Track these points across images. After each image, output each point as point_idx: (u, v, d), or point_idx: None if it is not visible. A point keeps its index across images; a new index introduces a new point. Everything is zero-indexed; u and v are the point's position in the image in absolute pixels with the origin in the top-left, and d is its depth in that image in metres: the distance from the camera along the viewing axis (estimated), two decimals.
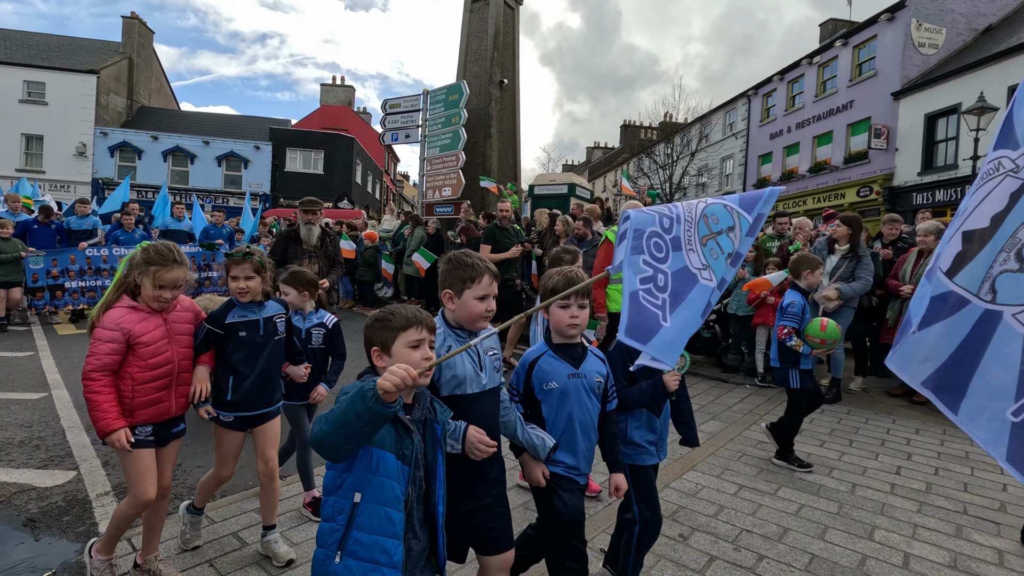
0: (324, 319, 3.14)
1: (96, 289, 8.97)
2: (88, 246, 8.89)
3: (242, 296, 2.53)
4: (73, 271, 8.79)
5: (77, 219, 9.30)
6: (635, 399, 2.29)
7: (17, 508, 3.03)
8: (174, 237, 9.71)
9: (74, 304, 8.87)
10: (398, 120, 13.31)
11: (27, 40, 27.23)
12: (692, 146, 27.43)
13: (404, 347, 1.57)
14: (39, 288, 8.48)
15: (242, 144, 26.83)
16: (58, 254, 8.67)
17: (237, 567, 2.51)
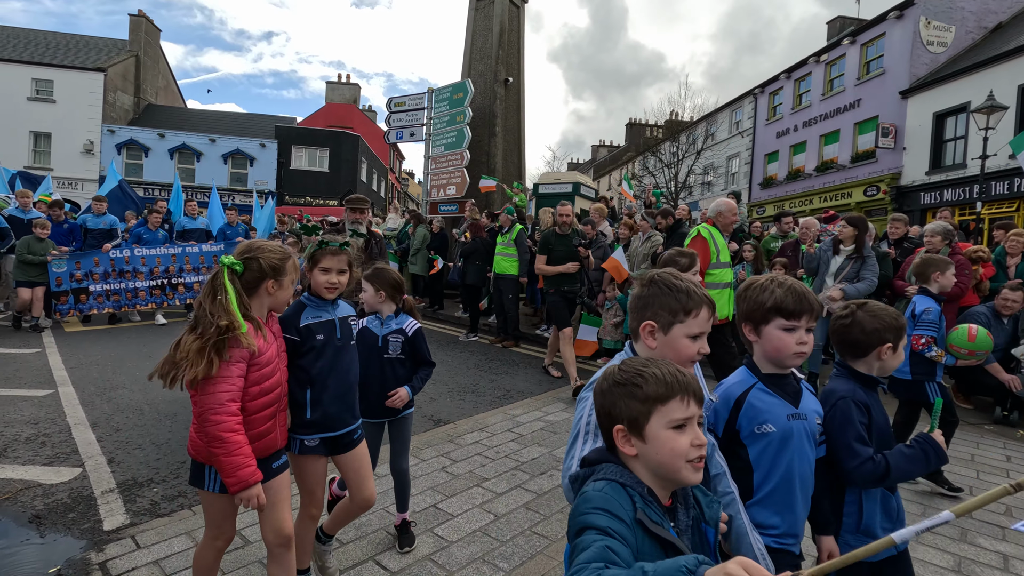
0: (404, 325, 2.73)
1: (120, 292, 8.63)
2: (113, 247, 8.58)
3: (330, 292, 2.20)
4: (97, 274, 8.42)
5: (94, 217, 8.89)
6: (904, 467, 1.65)
7: (23, 505, 3.06)
8: (192, 236, 9.51)
9: (99, 308, 8.50)
10: (403, 118, 13.32)
11: (35, 38, 27.40)
12: (698, 145, 27.32)
13: (665, 428, 1.09)
14: (63, 292, 8.13)
15: (248, 142, 26.94)
16: (82, 256, 8.32)
17: (239, 566, 2.52)
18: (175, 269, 9.06)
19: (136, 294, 8.72)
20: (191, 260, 9.21)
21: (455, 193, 11.93)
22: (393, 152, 40.74)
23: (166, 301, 9.03)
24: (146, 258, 8.81)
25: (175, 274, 9.05)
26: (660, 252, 6.47)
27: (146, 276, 8.78)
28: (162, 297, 8.96)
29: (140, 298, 8.77)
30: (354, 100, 37.46)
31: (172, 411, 4.70)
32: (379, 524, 2.93)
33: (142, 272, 8.76)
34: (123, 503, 3.10)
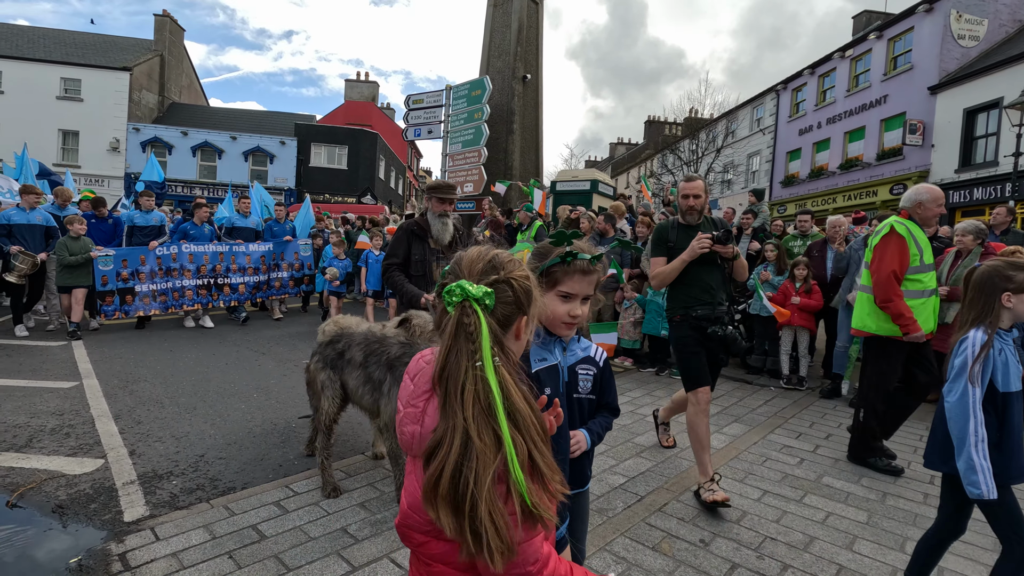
0: (591, 351, 1.82)
1: (167, 292, 8.10)
2: (159, 244, 8.09)
3: (568, 328, 1.65)
4: (144, 273, 7.89)
5: (142, 214, 8.22)
6: None
7: (47, 494, 3.11)
8: (241, 235, 9.07)
9: (145, 310, 7.98)
10: (421, 116, 13.34)
11: (64, 38, 28.06)
12: (718, 142, 26.93)
13: None
14: (108, 292, 7.57)
15: (268, 139, 27.28)
16: (129, 254, 7.80)
17: (255, 560, 2.53)
18: (222, 268, 8.68)
19: (183, 293, 8.27)
20: (238, 260, 8.82)
21: (472, 190, 11.91)
22: (411, 150, 40.92)
23: (211, 302, 8.62)
24: (194, 255, 8.39)
25: (221, 273, 8.66)
26: None
27: (193, 274, 8.34)
28: (207, 297, 8.52)
29: (187, 297, 8.32)
30: (372, 98, 37.68)
31: (192, 405, 4.75)
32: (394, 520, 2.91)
33: (189, 270, 8.33)
34: (143, 495, 3.14)
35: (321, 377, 3.22)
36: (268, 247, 9.15)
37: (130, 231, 8.08)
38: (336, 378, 3.16)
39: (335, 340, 3.24)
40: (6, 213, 7.06)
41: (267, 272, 9.15)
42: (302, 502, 3.08)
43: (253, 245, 9.02)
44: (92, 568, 2.44)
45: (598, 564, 2.60)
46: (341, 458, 3.75)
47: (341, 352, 3.16)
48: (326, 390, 3.19)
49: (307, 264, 9.71)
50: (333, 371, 3.18)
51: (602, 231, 7.06)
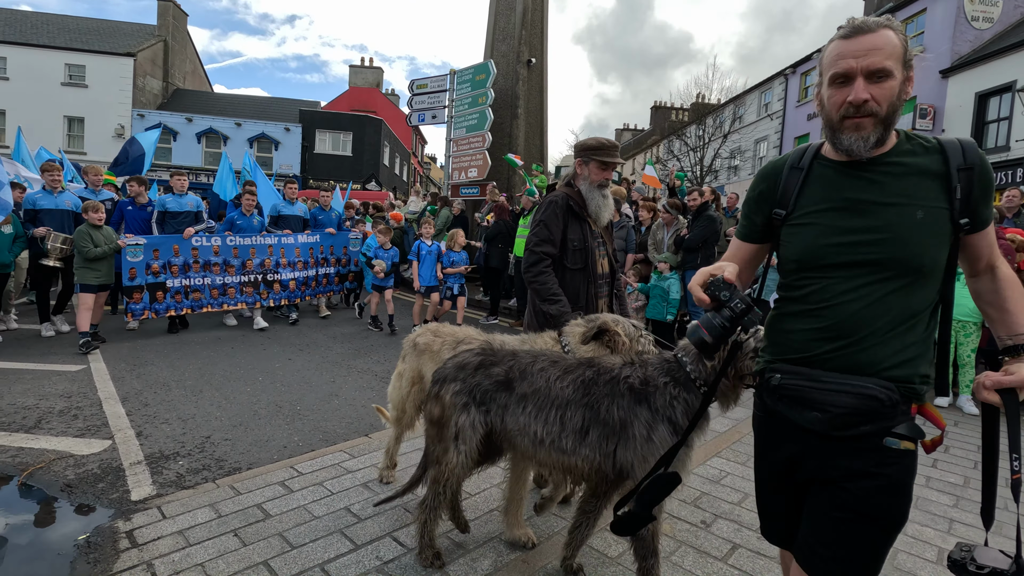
0: None
1: (202, 289, 7.00)
2: (196, 232, 6.92)
3: None
4: (176, 265, 6.76)
5: (175, 198, 7.03)
6: None
7: (55, 474, 3.15)
8: (288, 224, 8.00)
9: (176, 308, 6.81)
10: (425, 101, 13.25)
11: (68, 24, 27.96)
12: (725, 128, 26.64)
13: None
14: (136, 287, 6.44)
15: (273, 126, 27.22)
16: (161, 243, 6.65)
17: (260, 538, 2.56)
18: (271, 263, 7.59)
19: (224, 291, 7.18)
20: (287, 253, 7.75)
21: (477, 176, 11.86)
22: (415, 136, 40.74)
23: (259, 301, 7.54)
24: (239, 249, 7.28)
25: (270, 269, 7.58)
26: (684, 235, 6.35)
27: (237, 270, 7.26)
28: (255, 296, 7.47)
29: (229, 296, 7.22)
30: (377, 84, 37.46)
31: (198, 387, 4.79)
32: (397, 501, 2.94)
33: (233, 265, 7.22)
34: (150, 475, 3.18)
35: (462, 420, 2.17)
36: (316, 238, 8.16)
37: (161, 217, 6.91)
38: (482, 422, 2.18)
39: (487, 363, 2.20)
40: (31, 197, 6.26)
41: (315, 266, 8.18)
42: (306, 482, 3.12)
43: (301, 236, 7.98)
44: (100, 545, 2.48)
45: (598, 543, 2.62)
46: (345, 439, 3.78)
47: (504, 381, 2.15)
48: (464, 438, 2.17)
49: (354, 260, 8.76)
50: (481, 410, 2.18)
51: None
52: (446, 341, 2.76)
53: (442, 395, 2.22)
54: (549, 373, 2.09)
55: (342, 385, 5.06)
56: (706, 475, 3.41)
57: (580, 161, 2.96)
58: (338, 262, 8.56)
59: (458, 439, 2.17)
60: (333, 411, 4.37)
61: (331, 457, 3.46)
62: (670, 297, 6.24)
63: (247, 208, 7.48)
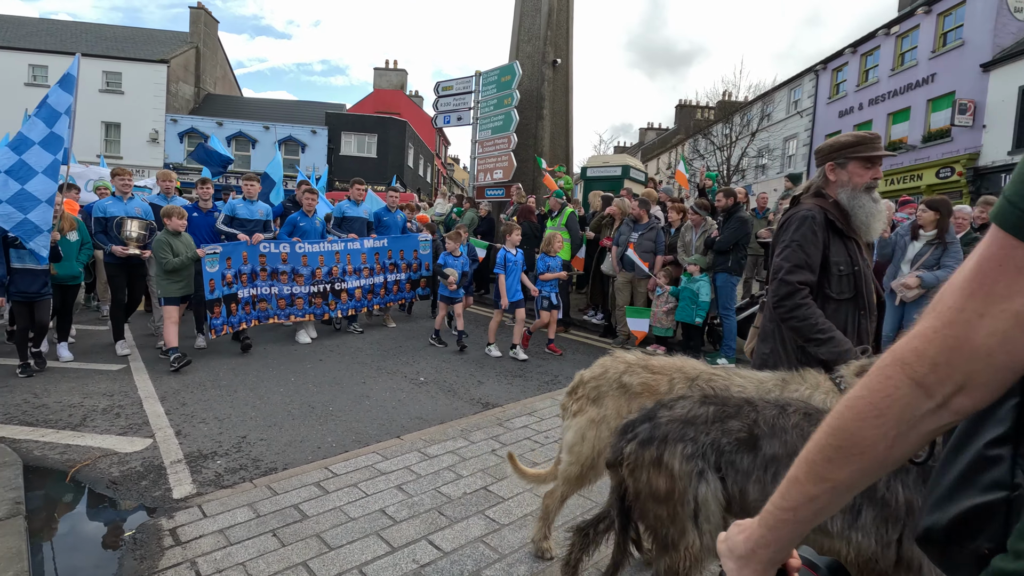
0: None
1: (269, 299, 6.43)
2: (264, 239, 6.39)
3: None
4: (244, 273, 6.23)
5: (246, 204, 6.44)
6: None
7: (101, 471, 3.25)
8: (352, 227, 7.38)
9: (246, 320, 6.25)
10: (450, 102, 13.30)
11: (105, 32, 28.90)
12: (753, 126, 26.16)
13: None
14: (215, 301, 5.91)
15: (300, 129, 27.71)
16: (232, 251, 6.10)
17: (298, 538, 2.59)
18: (339, 271, 7.02)
19: (292, 302, 6.62)
20: (352, 259, 7.16)
21: (502, 177, 11.86)
22: (439, 137, 41.00)
23: (327, 312, 6.95)
24: (308, 256, 6.72)
25: (338, 277, 7.00)
26: (714, 236, 6.24)
27: (306, 280, 6.70)
28: (323, 307, 6.88)
29: (297, 307, 6.65)
30: (401, 86, 37.80)
31: (232, 387, 4.89)
32: (431, 504, 2.94)
33: (302, 274, 6.66)
34: (190, 473, 3.25)
35: (702, 492, 1.61)
36: (383, 242, 7.52)
37: (229, 223, 6.37)
38: (723, 493, 1.63)
39: (722, 415, 1.65)
40: (101, 204, 5.88)
41: (382, 273, 7.53)
42: (341, 483, 3.15)
43: (368, 240, 7.37)
44: (146, 542, 2.54)
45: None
46: (377, 441, 3.81)
47: (747, 440, 1.61)
48: (707, 515, 1.62)
49: (425, 264, 8.07)
50: (718, 475, 1.62)
51: (636, 217, 6.95)
52: (675, 379, 2.10)
53: (668, 461, 1.62)
54: (804, 430, 1.55)
55: (372, 386, 5.11)
56: None
57: (833, 166, 2.41)
58: (408, 267, 7.87)
59: (698, 517, 1.62)
60: (364, 412, 4.41)
61: (364, 458, 3.49)
62: (699, 299, 6.14)
63: (308, 208, 6.87)
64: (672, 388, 2.10)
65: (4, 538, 2.48)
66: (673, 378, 2.13)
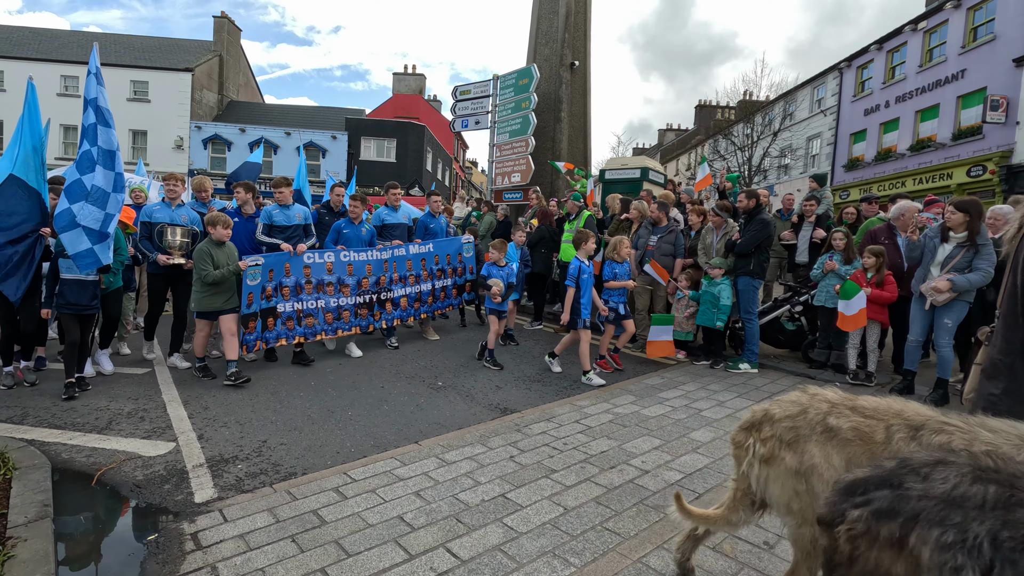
0: None
1: (315, 313, 6.03)
2: (308, 249, 6.04)
3: None
4: (287, 287, 5.85)
5: (281, 210, 6.10)
6: None
7: (126, 474, 3.30)
8: (393, 234, 7.01)
9: (288, 337, 5.84)
10: (468, 106, 13.35)
11: (132, 43, 29.70)
12: (775, 125, 25.74)
13: None
14: (251, 315, 5.54)
15: (320, 134, 28.10)
16: (275, 262, 5.74)
17: (316, 544, 2.59)
18: (386, 280, 6.68)
19: (339, 315, 6.25)
20: (398, 267, 6.83)
21: (520, 180, 11.85)
22: (457, 141, 41.20)
23: (372, 323, 6.58)
24: (354, 265, 6.36)
25: (384, 287, 6.66)
26: (735, 239, 6.13)
27: (353, 290, 6.35)
28: (368, 318, 6.51)
29: (343, 320, 6.28)
30: (420, 90, 38.11)
31: (253, 391, 4.94)
32: (449, 511, 2.93)
33: (348, 284, 6.30)
34: (211, 477, 3.28)
35: None
36: (428, 248, 7.14)
37: (267, 231, 6.05)
38: None
39: (1014, 500, 1.16)
40: (148, 209, 5.62)
41: (429, 279, 7.15)
42: (359, 489, 3.15)
43: (413, 247, 7.01)
44: (168, 545, 2.57)
45: (656, 563, 2.53)
46: (395, 446, 3.82)
47: None
48: None
49: (469, 268, 7.67)
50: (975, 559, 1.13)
51: (655, 219, 6.87)
52: (893, 427, 1.76)
53: (915, 547, 1.20)
54: None
55: (391, 391, 5.12)
56: None
57: None
58: (454, 272, 7.49)
59: None
60: (383, 417, 4.42)
61: (383, 464, 3.50)
62: (720, 303, 6.04)
63: (355, 215, 6.47)
64: (890, 437, 1.78)
65: (32, 540, 2.53)
66: (891, 425, 1.79)
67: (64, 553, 2.56)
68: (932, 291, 4.75)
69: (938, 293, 4.68)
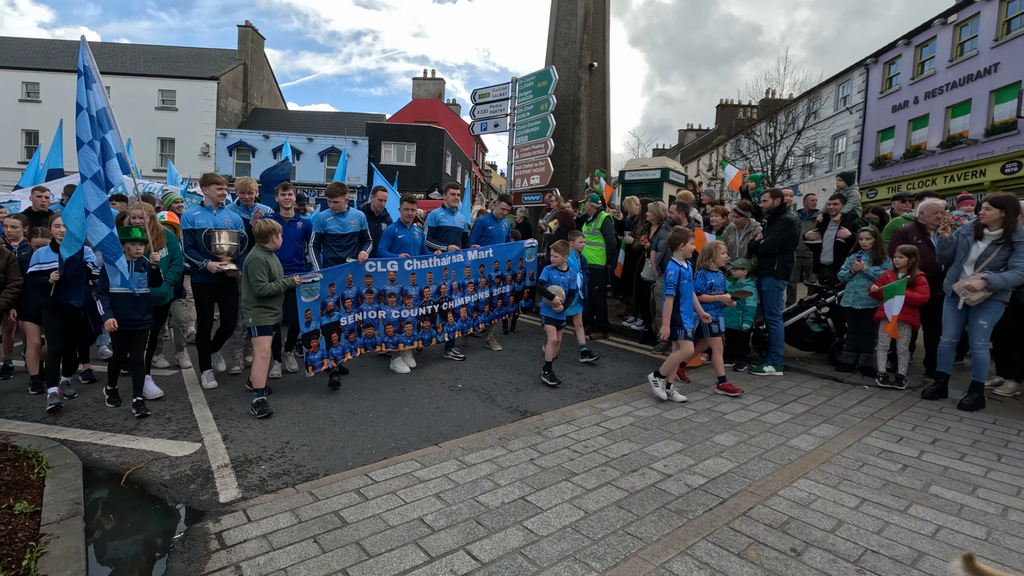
0: None
1: (376, 324, 5.61)
2: (370, 258, 5.63)
3: None
4: (349, 298, 5.41)
5: (335, 218, 5.74)
6: None
7: (153, 474, 3.37)
8: (448, 238, 6.49)
9: (351, 351, 5.45)
10: (487, 110, 13.37)
11: (160, 53, 30.52)
12: (798, 124, 25.28)
13: None
14: (312, 334, 5.02)
15: (341, 140, 28.49)
16: (335, 275, 5.27)
17: (338, 545, 2.61)
18: (447, 289, 6.17)
19: (401, 328, 5.80)
20: (457, 274, 6.29)
21: (539, 183, 11.83)
22: (476, 144, 41.38)
23: (435, 337, 6.07)
24: (416, 274, 5.91)
25: (446, 296, 6.16)
26: (759, 239, 6.02)
27: (415, 301, 5.89)
28: (430, 331, 6.02)
29: (405, 333, 5.82)
30: (439, 94, 38.40)
31: (277, 392, 5.01)
32: (469, 513, 2.92)
33: (411, 295, 5.85)
34: (236, 478, 3.33)
35: None
36: (488, 253, 6.60)
37: (319, 241, 5.71)
38: None
39: None
40: (189, 215, 5.10)
41: (487, 287, 6.64)
42: (380, 490, 3.16)
43: (472, 252, 6.48)
44: (194, 544, 2.61)
45: (679, 568, 2.48)
46: (415, 448, 3.83)
47: None
48: None
49: (530, 274, 7.08)
50: None
51: (675, 220, 6.79)
52: None
53: None
54: None
55: (411, 393, 5.14)
56: (793, 497, 3.18)
57: None
58: (513, 278, 6.93)
59: None
60: (403, 419, 4.44)
61: (403, 466, 3.51)
62: (746, 304, 5.93)
63: (407, 218, 6.04)
64: None
65: (64, 537, 2.59)
66: None
67: (94, 550, 2.62)
68: (965, 290, 4.60)
69: (971, 292, 4.53)
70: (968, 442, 4.12)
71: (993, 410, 4.87)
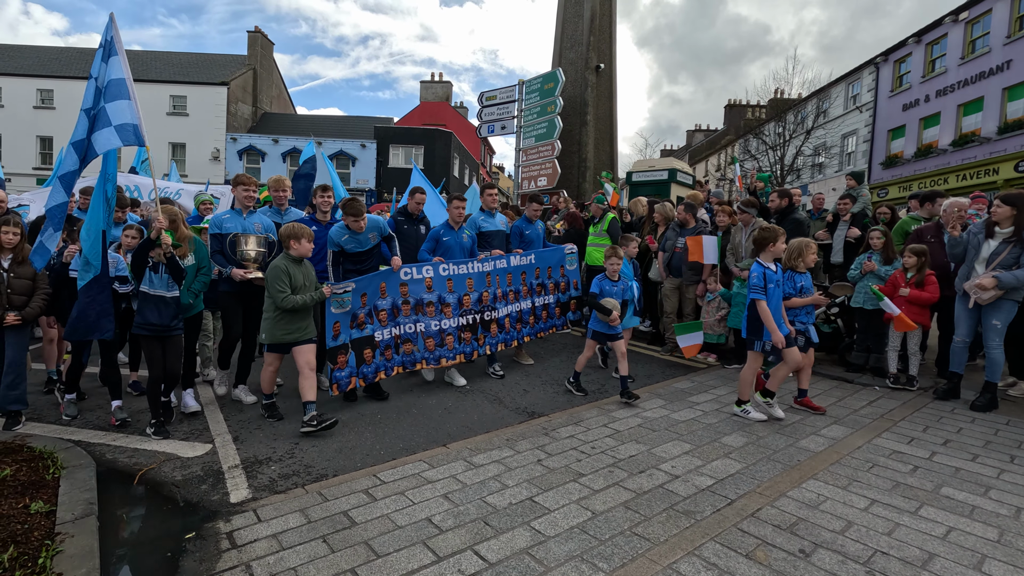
0: None
1: (414, 338, 5.11)
2: (403, 265, 5.12)
3: None
4: (384, 310, 4.95)
5: (353, 235, 4.91)
6: None
7: (165, 474, 3.42)
8: (492, 242, 5.94)
9: (387, 369, 4.95)
10: (494, 112, 13.43)
11: (171, 59, 30.89)
12: (807, 123, 25.11)
13: None
14: (340, 348, 4.64)
15: (350, 143, 28.70)
16: (368, 284, 4.83)
17: (347, 545, 2.63)
18: (488, 297, 5.65)
19: (442, 341, 5.29)
20: (500, 281, 5.79)
21: (546, 184, 11.85)
22: (484, 147, 41.48)
23: (476, 350, 5.54)
24: (454, 280, 5.40)
25: (488, 305, 5.65)
26: None
27: (454, 310, 5.39)
28: (472, 344, 5.49)
29: (447, 347, 5.30)
30: (446, 97, 38.55)
31: (285, 393, 5.05)
32: (477, 513, 2.94)
33: (449, 304, 5.35)
34: (246, 478, 3.37)
35: None
36: (530, 259, 6.07)
37: (336, 260, 4.91)
38: None
39: None
40: (217, 219, 4.74)
41: (529, 296, 6.08)
42: (388, 491, 3.18)
43: (514, 258, 5.95)
44: (205, 544, 2.65)
45: (686, 569, 2.48)
46: (424, 449, 3.85)
47: None
48: None
49: (574, 282, 6.58)
50: None
51: (682, 221, 6.78)
52: None
53: None
54: None
55: (419, 393, 5.17)
56: (802, 499, 3.17)
57: None
58: (556, 287, 6.38)
59: None
60: (411, 421, 4.46)
61: (411, 467, 3.53)
62: None
63: (456, 220, 5.53)
64: None
65: (79, 536, 2.64)
66: None
67: (107, 549, 2.66)
68: (976, 288, 4.55)
69: (983, 291, 4.48)
70: (980, 443, 4.08)
71: (1006, 411, 4.82)
